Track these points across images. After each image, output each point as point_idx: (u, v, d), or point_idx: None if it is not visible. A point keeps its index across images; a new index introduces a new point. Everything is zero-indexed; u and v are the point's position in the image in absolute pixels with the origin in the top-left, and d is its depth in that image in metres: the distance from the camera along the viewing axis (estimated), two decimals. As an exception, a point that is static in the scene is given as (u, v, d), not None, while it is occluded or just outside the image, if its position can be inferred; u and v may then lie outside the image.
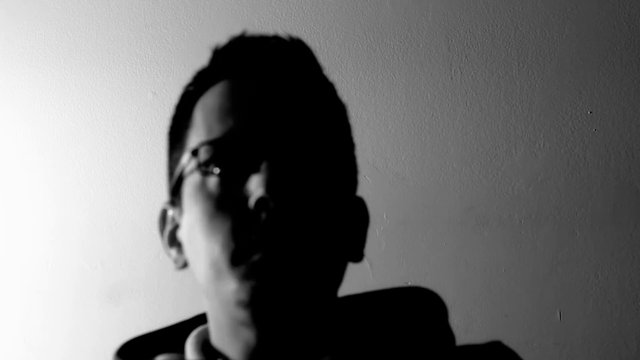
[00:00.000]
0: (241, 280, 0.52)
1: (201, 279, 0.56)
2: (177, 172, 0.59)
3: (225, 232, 0.53)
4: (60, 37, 1.57)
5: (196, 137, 0.57)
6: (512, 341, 0.62)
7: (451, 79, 1.43)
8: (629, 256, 1.34)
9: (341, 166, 0.58)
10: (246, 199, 0.53)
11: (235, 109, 0.56)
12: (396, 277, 1.37)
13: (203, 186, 0.55)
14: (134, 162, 1.52)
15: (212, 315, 0.60)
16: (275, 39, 0.60)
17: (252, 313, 0.53)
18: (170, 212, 0.62)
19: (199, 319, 0.65)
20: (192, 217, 0.56)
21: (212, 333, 0.60)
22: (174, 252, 0.62)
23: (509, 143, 1.40)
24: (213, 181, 0.55)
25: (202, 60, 0.63)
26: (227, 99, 0.57)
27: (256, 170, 0.53)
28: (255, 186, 0.52)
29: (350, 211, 0.60)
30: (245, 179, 0.54)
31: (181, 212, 0.59)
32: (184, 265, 0.61)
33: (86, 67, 1.56)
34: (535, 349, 1.33)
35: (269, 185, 0.52)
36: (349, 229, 0.59)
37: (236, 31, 0.61)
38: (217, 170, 0.55)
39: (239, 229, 0.53)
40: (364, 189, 0.65)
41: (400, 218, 1.41)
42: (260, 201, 0.52)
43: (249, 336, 0.56)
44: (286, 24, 1.49)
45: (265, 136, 0.54)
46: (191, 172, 0.57)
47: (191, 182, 0.57)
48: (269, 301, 0.52)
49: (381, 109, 1.44)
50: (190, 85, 0.62)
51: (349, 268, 0.59)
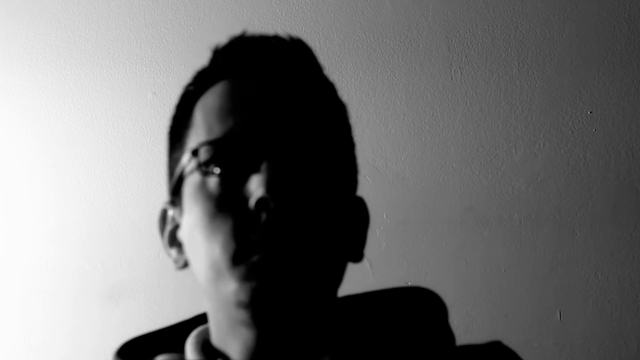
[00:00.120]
0: (241, 280, 0.52)
1: (201, 279, 0.56)
2: (177, 172, 0.59)
3: (225, 232, 0.53)
4: (60, 37, 1.57)
5: (196, 137, 0.57)
6: (512, 341, 0.62)
7: (451, 79, 1.43)
8: (629, 256, 1.34)
9: (341, 166, 0.58)
10: (246, 199, 0.53)
11: (235, 109, 0.56)
12: (396, 277, 1.37)
13: (203, 186, 0.55)
14: (134, 162, 1.52)
15: (212, 316, 0.60)
16: (276, 38, 0.60)
17: (252, 313, 0.53)
18: (171, 212, 0.62)
19: (199, 319, 0.65)
20: (192, 217, 0.56)
21: (212, 333, 0.60)
22: (174, 252, 0.62)
23: (509, 143, 1.40)
24: (213, 181, 0.55)
25: (202, 60, 0.63)
26: (227, 99, 0.57)
27: (256, 170, 0.53)
28: (256, 186, 0.52)
29: (351, 211, 0.60)
30: (245, 179, 0.54)
31: (181, 212, 0.59)
32: (184, 266, 0.61)
33: (86, 67, 1.56)
34: (535, 349, 1.33)
35: (269, 185, 0.52)
36: (349, 229, 0.59)
37: (236, 31, 0.61)
38: (217, 170, 0.55)
39: (239, 229, 0.52)
40: (364, 189, 0.65)
41: (400, 218, 1.41)
42: (261, 201, 0.52)
43: (248, 336, 0.56)
44: (286, 24, 1.49)
45: (266, 136, 0.54)
46: (191, 172, 0.57)
47: (191, 182, 0.57)
48: (269, 301, 0.52)
49: (381, 109, 1.44)
50: (190, 85, 0.62)
51: (349, 268, 0.59)
